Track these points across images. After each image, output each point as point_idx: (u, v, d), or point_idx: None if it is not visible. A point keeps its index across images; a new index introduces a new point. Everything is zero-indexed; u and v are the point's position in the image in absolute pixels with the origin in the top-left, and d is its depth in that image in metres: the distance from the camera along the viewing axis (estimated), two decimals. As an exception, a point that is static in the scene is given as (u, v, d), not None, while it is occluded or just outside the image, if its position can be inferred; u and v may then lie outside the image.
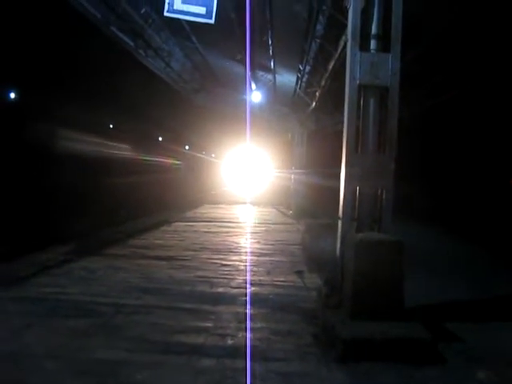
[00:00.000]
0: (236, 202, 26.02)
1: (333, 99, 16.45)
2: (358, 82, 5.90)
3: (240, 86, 18.22)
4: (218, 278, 8.22)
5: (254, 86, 17.76)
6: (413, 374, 4.58)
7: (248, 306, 6.56)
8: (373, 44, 6.00)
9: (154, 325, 5.75)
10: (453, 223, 14.26)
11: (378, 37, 5.98)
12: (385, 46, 5.96)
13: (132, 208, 20.68)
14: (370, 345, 4.88)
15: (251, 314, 6.24)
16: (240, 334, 5.46)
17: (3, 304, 6.39)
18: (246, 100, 19.21)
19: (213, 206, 24.07)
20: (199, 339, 5.30)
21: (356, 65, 5.88)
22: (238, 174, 33.52)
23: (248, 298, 6.94)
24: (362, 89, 5.99)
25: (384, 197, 5.92)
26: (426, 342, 4.97)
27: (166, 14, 7.33)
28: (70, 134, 22.98)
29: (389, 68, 5.83)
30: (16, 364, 4.56)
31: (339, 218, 6.14)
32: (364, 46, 6.00)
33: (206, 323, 5.84)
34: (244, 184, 33.14)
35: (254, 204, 25.43)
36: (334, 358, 4.81)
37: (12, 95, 21.69)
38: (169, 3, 7.07)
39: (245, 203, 25.90)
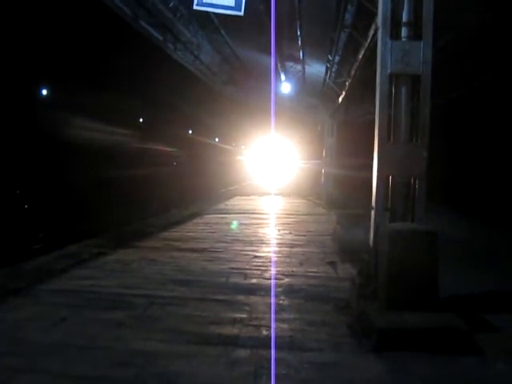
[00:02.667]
0: (267, 194, 25.96)
1: (363, 89, 16.33)
2: (389, 70, 5.83)
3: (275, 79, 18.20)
4: (251, 269, 8.25)
5: (283, 77, 17.73)
6: (449, 365, 4.54)
7: (282, 297, 6.59)
8: (404, 32, 5.90)
9: (189, 316, 5.80)
10: (483, 212, 14.02)
11: (408, 24, 5.88)
12: (416, 33, 5.85)
13: (163, 200, 20.88)
14: (406, 335, 4.86)
15: (285, 305, 6.27)
16: (274, 325, 5.47)
17: (42, 296, 6.53)
18: (276, 92, 19.19)
19: (244, 197, 24.09)
20: (234, 330, 5.34)
21: (387, 53, 5.81)
22: (268, 166, 33.44)
23: (281, 289, 6.97)
24: (394, 77, 5.92)
25: (417, 186, 5.86)
26: (462, 332, 4.92)
27: (195, 7, 7.33)
28: (100, 128, 23.30)
29: (420, 56, 5.74)
30: (57, 354, 4.67)
31: (372, 208, 6.11)
32: (395, 33, 5.91)
33: (240, 314, 5.87)
34: (274, 175, 33.08)
35: (284, 195, 25.39)
36: (368, 348, 4.80)
37: (44, 92, 22.02)
38: (198, -4, 7.09)
39: (276, 194, 25.88)
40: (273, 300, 6.44)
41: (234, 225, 14.87)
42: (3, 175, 16.47)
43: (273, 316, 5.78)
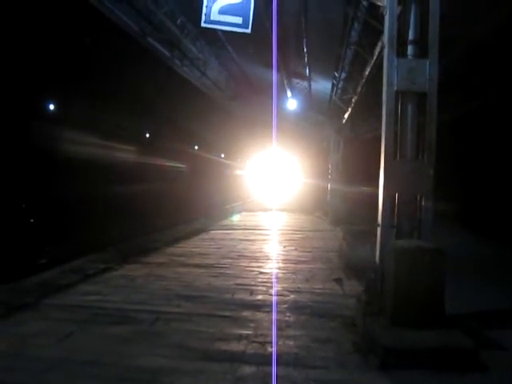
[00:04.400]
0: (272, 210, 25.99)
1: (369, 105, 16.36)
2: (395, 88, 5.86)
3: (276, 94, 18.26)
4: (256, 285, 8.24)
5: (289, 93, 17.80)
6: (454, 382, 4.52)
7: (287, 314, 6.57)
8: (410, 50, 5.95)
9: (194, 332, 5.79)
10: (491, 228, 13.95)
11: (414, 42, 5.93)
12: (422, 51, 5.90)
13: (168, 215, 20.88)
14: (411, 352, 4.83)
15: (291, 322, 6.25)
16: (280, 342, 5.46)
17: (48, 311, 6.53)
18: (283, 108, 19.26)
19: (249, 213, 24.12)
20: (240, 347, 5.32)
21: (393, 71, 5.84)
22: (273, 181, 33.46)
23: (287, 306, 6.96)
24: (400, 95, 5.95)
25: (423, 203, 5.85)
26: (468, 349, 4.90)
27: (203, 24, 7.37)
28: (106, 144, 23.41)
29: (426, 73, 5.77)
30: (62, 370, 4.66)
31: (378, 225, 6.10)
32: (401, 51, 5.95)
33: (246, 331, 5.86)
34: (280, 191, 33.09)
35: (290, 211, 25.40)
36: (374, 366, 4.77)
37: (51, 107, 22.16)
38: (206, 14, 7.12)
39: (281, 210, 25.89)
40: (276, 316, 6.42)
41: (235, 217, 14.98)
42: (9, 190, 16.54)
43: (275, 332, 5.77)
